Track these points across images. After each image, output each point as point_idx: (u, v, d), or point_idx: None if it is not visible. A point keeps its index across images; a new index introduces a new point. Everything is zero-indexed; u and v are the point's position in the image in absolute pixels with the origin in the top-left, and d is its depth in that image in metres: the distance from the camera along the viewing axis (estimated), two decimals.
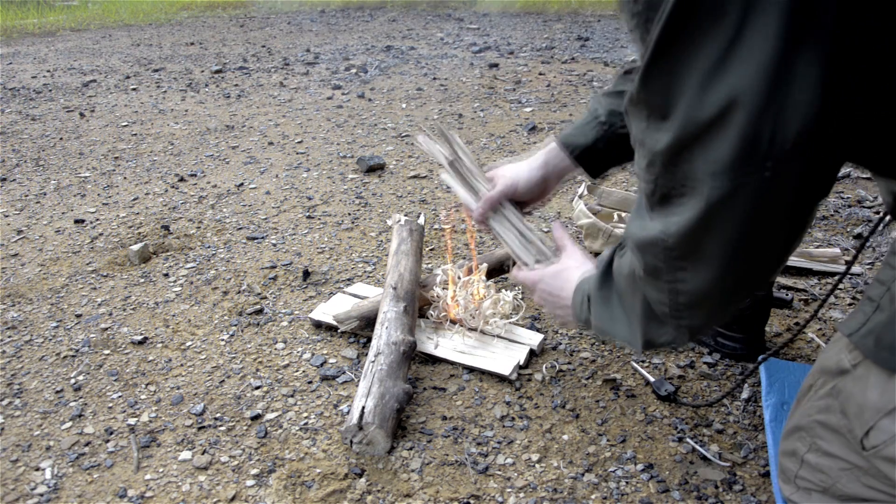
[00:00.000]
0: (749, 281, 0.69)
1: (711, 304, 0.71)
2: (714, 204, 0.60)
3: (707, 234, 0.63)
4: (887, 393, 0.64)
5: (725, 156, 0.57)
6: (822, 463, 0.73)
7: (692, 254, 0.66)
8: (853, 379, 0.68)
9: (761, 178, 0.57)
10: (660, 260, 0.69)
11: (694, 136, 0.59)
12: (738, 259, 0.65)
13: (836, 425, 0.71)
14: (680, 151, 0.60)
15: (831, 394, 0.72)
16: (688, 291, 0.69)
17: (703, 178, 0.59)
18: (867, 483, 0.69)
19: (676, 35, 0.56)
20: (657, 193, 0.66)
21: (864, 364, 0.67)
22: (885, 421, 0.64)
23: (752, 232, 0.62)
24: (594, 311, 0.90)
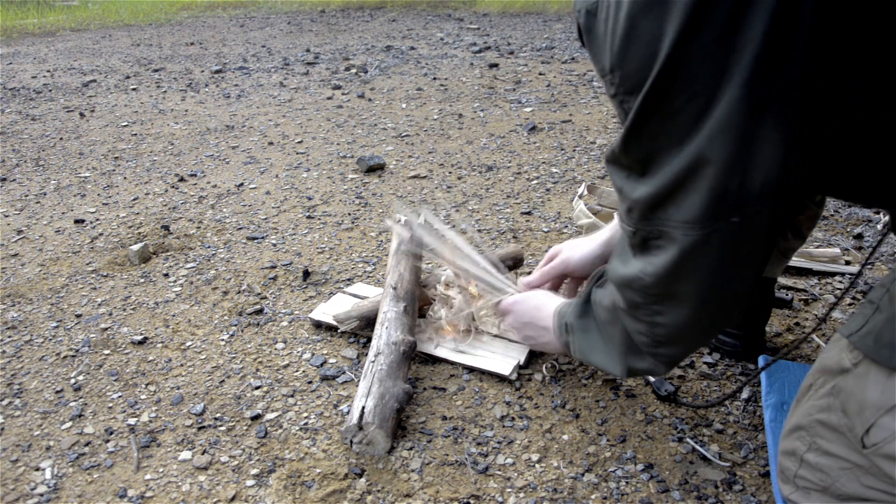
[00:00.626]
0: (722, 315, 0.76)
1: (687, 338, 0.79)
2: (687, 250, 0.67)
3: (681, 277, 0.70)
4: (888, 390, 0.64)
5: (697, 208, 0.64)
6: (821, 462, 0.73)
7: (668, 294, 0.73)
8: (854, 377, 0.69)
9: (729, 225, 0.64)
10: (639, 296, 0.76)
11: (668, 191, 0.66)
12: (710, 298, 0.71)
13: (836, 424, 0.71)
14: (656, 204, 0.68)
15: (831, 393, 0.72)
16: (665, 325, 0.76)
17: (677, 227, 0.66)
18: (867, 482, 0.69)
19: (651, 113, 0.63)
20: (637, 237, 0.73)
21: (864, 363, 0.67)
22: (886, 418, 0.64)
23: (722, 273, 0.69)
24: (575, 339, 0.97)
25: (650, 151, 0.66)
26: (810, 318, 1.40)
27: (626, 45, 0.63)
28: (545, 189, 2.21)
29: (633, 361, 0.85)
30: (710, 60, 0.58)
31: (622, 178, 0.71)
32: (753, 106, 0.58)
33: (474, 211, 2.03)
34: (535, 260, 1.68)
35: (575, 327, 0.96)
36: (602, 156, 2.54)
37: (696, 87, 0.59)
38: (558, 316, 1.02)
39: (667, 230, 0.68)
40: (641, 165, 0.68)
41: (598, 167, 2.42)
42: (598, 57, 0.68)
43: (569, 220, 1.94)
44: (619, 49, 0.64)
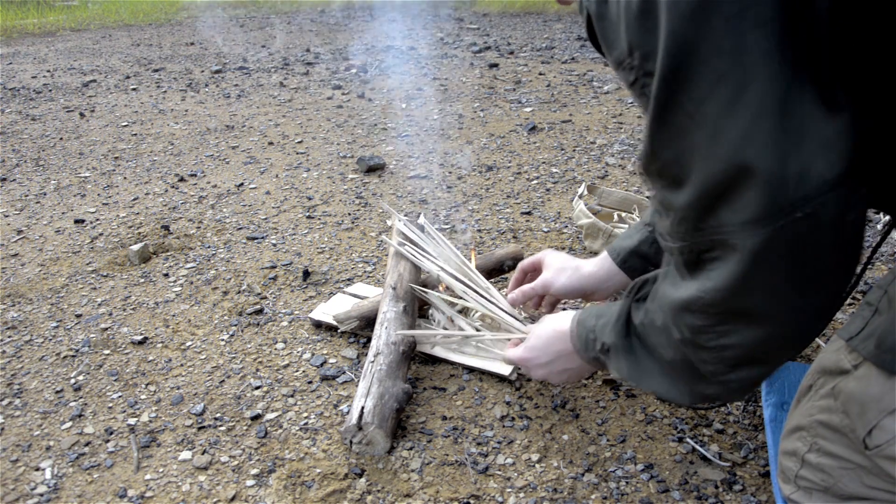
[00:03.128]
0: (800, 330, 0.65)
1: (761, 358, 0.68)
2: (750, 255, 0.58)
3: (749, 289, 0.61)
4: (889, 393, 0.64)
5: (754, 207, 0.56)
6: (822, 462, 0.73)
7: (736, 311, 0.64)
8: (854, 379, 0.68)
9: (795, 222, 0.55)
10: (700, 319, 0.66)
11: (718, 193, 0.57)
12: (784, 309, 0.62)
13: (837, 425, 0.71)
14: (706, 209, 0.59)
15: (832, 394, 0.72)
16: (735, 347, 0.66)
17: (735, 232, 0.58)
18: (869, 482, 0.69)
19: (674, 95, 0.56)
20: (688, 254, 0.64)
21: (864, 365, 0.67)
22: (888, 420, 0.64)
23: (794, 279, 0.60)
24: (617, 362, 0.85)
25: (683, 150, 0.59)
26: None
27: (643, 20, 0.57)
28: (545, 189, 2.21)
29: (700, 387, 0.74)
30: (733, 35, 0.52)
31: (660, 187, 0.64)
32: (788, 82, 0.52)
33: (474, 211, 2.03)
34: None
35: (617, 347, 0.84)
36: (602, 155, 2.54)
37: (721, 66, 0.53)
38: (579, 327, 0.92)
39: (722, 238, 0.59)
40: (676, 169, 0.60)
41: (598, 167, 2.42)
42: (615, 42, 0.62)
43: (569, 220, 1.94)
44: (638, 25, 0.58)
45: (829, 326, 1.36)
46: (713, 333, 0.66)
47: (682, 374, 0.75)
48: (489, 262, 1.49)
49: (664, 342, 0.75)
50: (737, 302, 0.63)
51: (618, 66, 0.63)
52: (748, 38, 0.52)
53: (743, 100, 0.53)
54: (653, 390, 0.81)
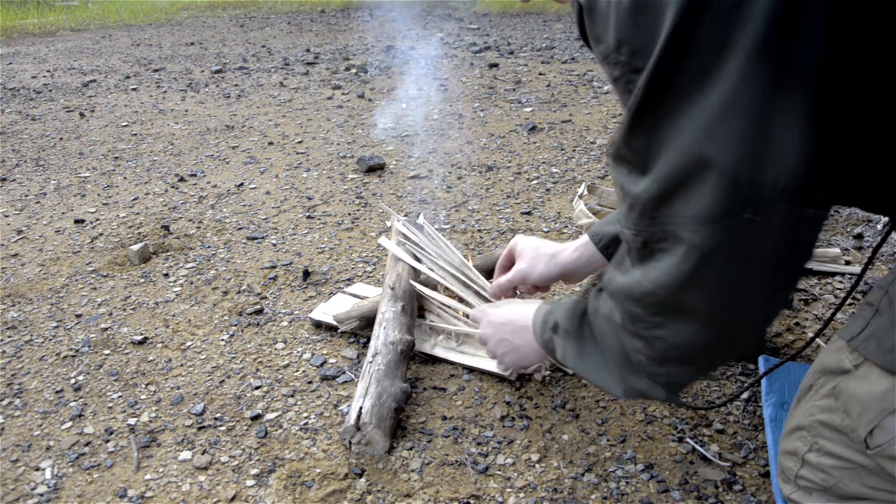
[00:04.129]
0: (732, 337, 0.66)
1: (691, 358, 0.69)
2: (695, 250, 0.59)
3: (687, 282, 0.61)
4: (891, 393, 0.64)
5: (706, 203, 0.56)
6: (823, 462, 0.73)
7: (672, 304, 0.64)
8: (855, 379, 0.68)
9: (742, 223, 0.56)
10: (639, 308, 0.67)
11: (674, 185, 0.58)
12: (721, 312, 0.63)
13: (838, 425, 0.71)
14: (661, 199, 0.60)
15: (832, 394, 0.72)
16: (666, 341, 0.67)
17: (685, 225, 0.58)
18: (869, 482, 0.69)
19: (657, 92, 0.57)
20: (639, 241, 0.65)
21: (865, 364, 0.67)
22: (889, 420, 0.64)
23: (734, 282, 0.61)
24: (562, 343, 0.87)
25: (654, 140, 0.59)
26: (810, 318, 1.40)
27: (634, 16, 0.57)
28: (545, 189, 2.21)
29: (631, 380, 0.76)
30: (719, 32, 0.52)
31: (624, 174, 0.64)
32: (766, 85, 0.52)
33: (474, 211, 2.03)
34: None
35: (565, 329, 0.87)
36: (602, 155, 2.54)
37: (704, 62, 0.53)
38: (543, 312, 0.94)
39: (672, 229, 0.60)
40: (644, 157, 0.61)
41: (598, 167, 2.42)
42: (602, 36, 0.62)
43: (569, 220, 1.94)
44: (627, 21, 0.58)
45: (830, 327, 1.36)
46: (648, 323, 0.67)
47: (618, 363, 0.77)
48: (489, 262, 1.49)
49: (607, 329, 0.77)
50: (673, 296, 0.63)
51: (604, 59, 0.63)
52: (734, 36, 0.52)
53: (716, 97, 0.53)
54: (590, 378, 0.83)
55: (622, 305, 0.70)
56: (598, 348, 0.81)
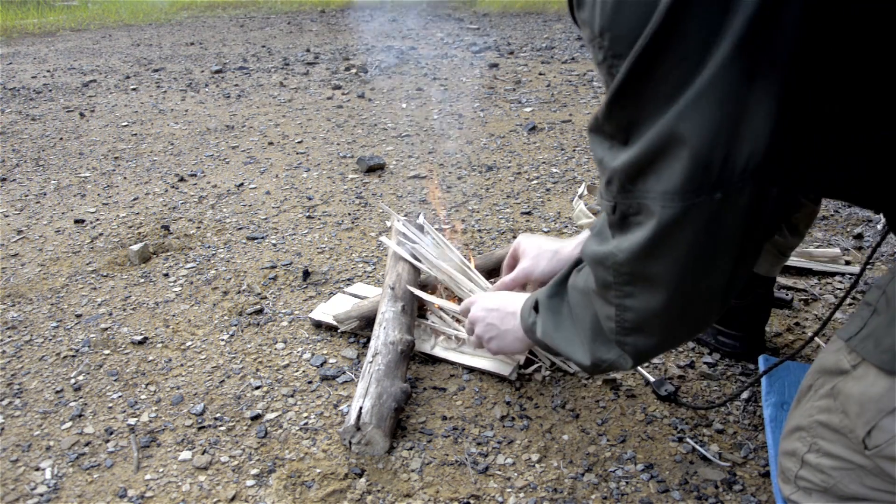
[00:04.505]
0: (695, 309, 0.70)
1: (658, 328, 0.73)
2: (664, 225, 0.62)
3: (656, 255, 0.65)
4: (889, 393, 0.64)
5: (677, 178, 0.60)
6: (822, 463, 0.73)
7: (641, 274, 0.68)
8: (853, 379, 0.68)
9: (711, 201, 0.59)
10: (610, 275, 0.71)
11: (649, 159, 0.62)
12: (686, 284, 0.67)
13: (837, 425, 0.71)
14: (636, 173, 0.63)
15: (831, 394, 0.72)
16: (635, 310, 0.71)
17: (656, 199, 0.62)
18: (869, 483, 0.69)
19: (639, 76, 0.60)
20: (616, 214, 0.69)
21: (863, 365, 0.67)
22: (887, 420, 0.64)
23: (701, 257, 0.64)
24: (541, 320, 0.91)
25: (634, 117, 0.62)
26: (810, 318, 1.40)
27: (620, 4, 0.60)
28: (545, 189, 2.21)
29: (600, 351, 0.80)
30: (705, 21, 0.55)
31: (604, 149, 0.67)
32: (743, 71, 0.55)
33: (474, 211, 2.03)
34: None
35: (544, 306, 0.90)
36: None
37: (688, 48, 0.56)
38: (531, 299, 0.97)
39: (646, 202, 0.63)
40: (624, 133, 0.64)
41: None
42: (589, 21, 0.65)
43: (569, 219, 1.94)
44: (612, 8, 0.61)
45: (829, 326, 1.36)
46: (619, 292, 0.71)
47: (588, 336, 0.81)
48: (489, 262, 1.49)
49: (581, 301, 0.82)
50: (642, 266, 0.67)
51: (589, 42, 0.66)
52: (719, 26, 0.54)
53: (696, 82, 0.56)
54: (561, 349, 0.87)
55: (596, 272, 0.74)
56: (571, 321, 0.85)
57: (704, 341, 1.29)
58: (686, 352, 1.29)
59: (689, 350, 1.29)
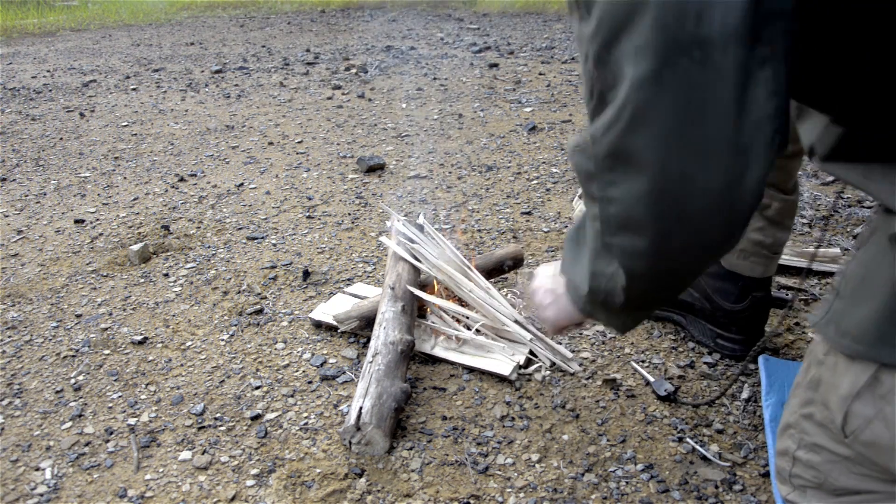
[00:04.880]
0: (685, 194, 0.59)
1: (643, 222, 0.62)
2: (638, 83, 0.56)
3: (633, 124, 0.58)
4: (852, 377, 0.65)
5: (648, 31, 0.54)
6: (812, 458, 0.73)
7: (620, 150, 0.60)
8: (826, 368, 0.69)
9: (690, 62, 0.53)
10: (591, 163, 0.64)
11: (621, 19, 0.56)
12: (669, 160, 0.58)
13: (819, 418, 0.71)
14: (609, 37, 0.58)
15: (811, 386, 0.72)
16: (618, 200, 0.63)
17: (629, 58, 0.56)
18: (857, 472, 0.69)
19: None
20: (595, 95, 0.63)
21: (832, 352, 0.68)
22: (857, 405, 0.64)
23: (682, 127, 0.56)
24: (564, 255, 0.84)
25: None
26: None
27: None
28: (545, 189, 2.21)
29: (598, 264, 0.72)
30: None
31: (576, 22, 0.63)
32: None
33: (474, 211, 2.03)
34: (534, 260, 1.68)
35: (569, 238, 0.84)
36: None
37: None
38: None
39: (621, 68, 0.57)
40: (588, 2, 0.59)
41: None
42: None
43: (569, 220, 1.94)
44: None
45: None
46: (600, 181, 0.64)
47: (590, 253, 0.74)
48: (489, 262, 1.49)
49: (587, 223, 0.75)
50: (620, 141, 0.60)
51: None
52: None
53: None
54: (571, 278, 0.81)
55: (578, 166, 0.67)
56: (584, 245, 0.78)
57: (704, 343, 1.29)
58: (686, 352, 1.29)
59: (690, 350, 1.29)
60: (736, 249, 1.17)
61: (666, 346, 1.31)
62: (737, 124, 0.56)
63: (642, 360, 1.27)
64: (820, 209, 2.00)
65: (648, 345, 1.31)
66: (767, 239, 1.15)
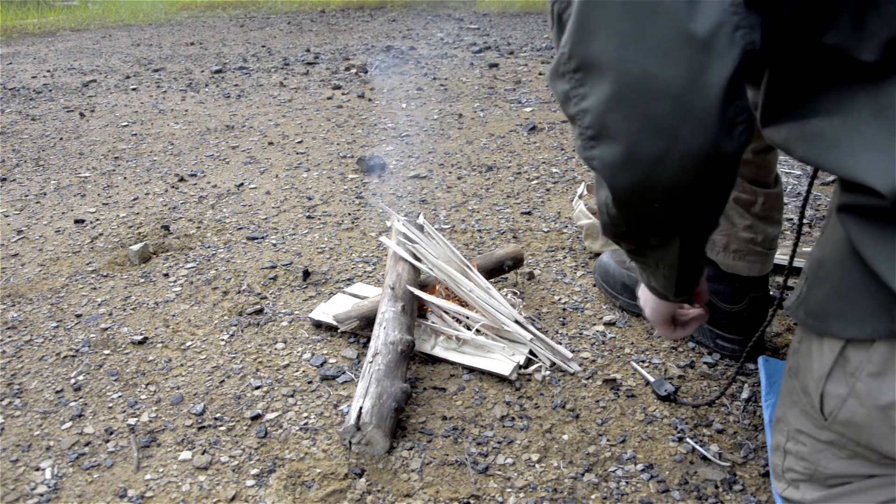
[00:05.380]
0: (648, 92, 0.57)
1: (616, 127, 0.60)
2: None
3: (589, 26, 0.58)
4: (822, 357, 0.66)
5: None
6: (800, 449, 0.73)
7: (585, 59, 0.60)
8: (801, 355, 0.70)
9: None
10: (565, 81, 0.63)
11: None
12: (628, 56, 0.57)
13: (802, 406, 0.72)
14: None
15: (791, 374, 0.73)
16: (590, 110, 0.61)
17: None
18: (843, 455, 0.69)
19: None
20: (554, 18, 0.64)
21: (804, 338, 0.69)
22: (830, 385, 0.65)
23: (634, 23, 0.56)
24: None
25: None
26: None
27: None
28: (545, 189, 2.21)
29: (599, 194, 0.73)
30: None
31: None
32: None
33: (474, 211, 2.03)
34: (534, 260, 1.68)
35: None
36: None
37: None
38: None
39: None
40: None
41: None
42: None
43: (569, 220, 1.94)
44: None
45: None
46: (576, 98, 0.63)
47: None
48: (489, 262, 1.49)
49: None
50: (583, 49, 0.59)
51: None
52: None
53: None
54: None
55: (556, 89, 0.66)
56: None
57: (704, 343, 1.29)
58: (686, 352, 1.29)
59: (690, 350, 1.29)
60: (730, 251, 1.17)
61: (666, 346, 1.31)
62: (690, 16, 0.54)
63: (642, 360, 1.27)
64: (820, 209, 2.00)
65: (648, 345, 1.32)
66: (758, 236, 1.15)
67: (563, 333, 1.36)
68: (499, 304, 1.31)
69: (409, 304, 1.28)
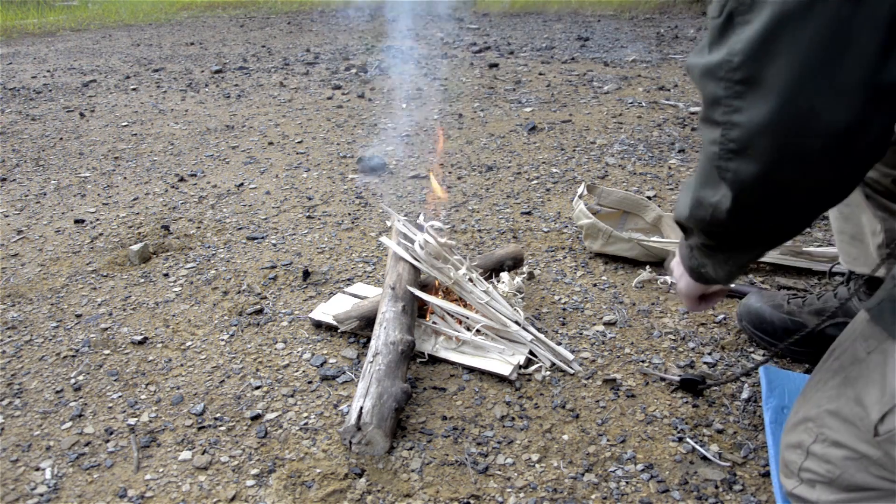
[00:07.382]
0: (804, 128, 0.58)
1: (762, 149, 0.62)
2: (784, 12, 0.55)
3: (773, 51, 0.57)
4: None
5: None
6: (829, 453, 0.73)
7: (755, 75, 0.60)
8: (866, 365, 0.68)
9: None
10: (721, 87, 0.63)
11: None
12: (802, 89, 0.57)
13: (847, 414, 0.70)
14: None
15: (845, 382, 0.71)
16: (742, 125, 0.62)
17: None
18: (875, 472, 0.68)
19: None
20: (724, 13, 0.62)
21: (879, 350, 0.67)
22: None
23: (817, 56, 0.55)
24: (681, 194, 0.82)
25: None
26: None
27: None
28: (545, 189, 2.21)
29: (704, 192, 0.71)
30: None
31: None
32: None
33: (474, 211, 2.03)
34: (534, 260, 1.68)
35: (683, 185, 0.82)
36: (602, 155, 2.54)
37: None
38: None
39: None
40: None
41: (598, 167, 2.42)
42: None
43: (569, 220, 1.94)
44: None
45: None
46: (727, 107, 0.63)
47: (698, 176, 0.73)
48: (489, 262, 1.49)
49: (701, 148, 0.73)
50: (758, 66, 0.59)
51: None
52: None
53: None
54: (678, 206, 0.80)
55: (705, 88, 0.66)
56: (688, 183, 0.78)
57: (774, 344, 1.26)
58: (686, 352, 1.29)
59: (689, 350, 1.29)
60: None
61: (666, 346, 1.31)
62: (882, 65, 0.55)
63: (642, 360, 1.27)
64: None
65: (648, 345, 1.32)
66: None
67: (563, 333, 1.36)
68: (499, 305, 1.31)
69: (410, 304, 1.28)
